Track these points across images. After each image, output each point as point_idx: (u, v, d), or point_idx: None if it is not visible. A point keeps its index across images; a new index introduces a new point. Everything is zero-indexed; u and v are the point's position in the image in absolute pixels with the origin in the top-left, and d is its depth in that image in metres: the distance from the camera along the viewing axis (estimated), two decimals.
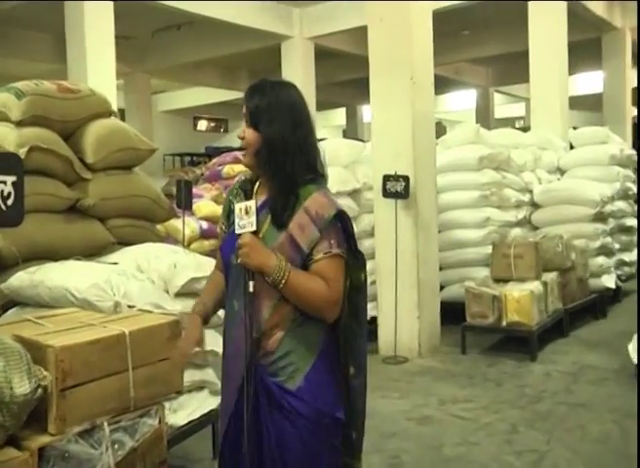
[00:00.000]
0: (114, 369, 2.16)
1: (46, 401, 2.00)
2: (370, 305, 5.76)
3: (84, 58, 7.31)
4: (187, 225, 7.29)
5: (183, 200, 4.52)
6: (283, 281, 1.69)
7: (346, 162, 5.81)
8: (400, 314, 5.37)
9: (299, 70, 10.63)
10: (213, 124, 20.99)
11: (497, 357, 5.34)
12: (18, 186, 1.76)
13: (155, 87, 16.96)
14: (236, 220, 1.74)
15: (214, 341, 3.50)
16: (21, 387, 1.88)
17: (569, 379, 4.74)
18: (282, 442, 1.71)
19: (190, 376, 3.24)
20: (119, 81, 13.94)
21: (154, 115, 18.37)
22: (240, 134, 1.81)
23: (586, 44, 11.24)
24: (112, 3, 7.52)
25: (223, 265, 1.87)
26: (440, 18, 6.57)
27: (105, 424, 2.06)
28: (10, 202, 1.75)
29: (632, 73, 12.35)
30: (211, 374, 3.42)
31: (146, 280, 3.20)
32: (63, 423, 1.98)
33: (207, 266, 3.57)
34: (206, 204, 7.58)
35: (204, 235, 7.18)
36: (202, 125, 20.90)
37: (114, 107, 7.03)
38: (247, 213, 1.72)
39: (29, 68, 10.63)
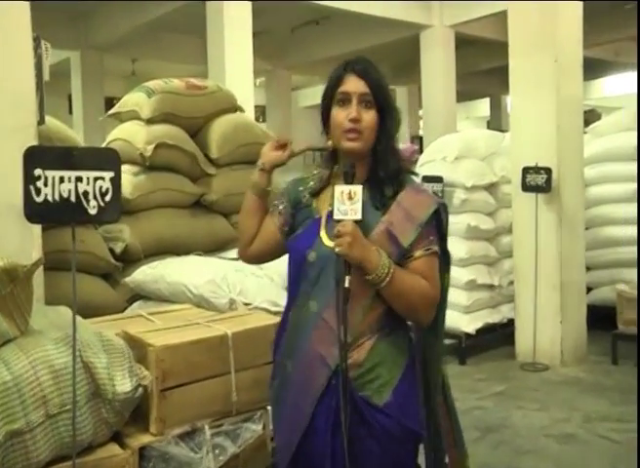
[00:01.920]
0: (216, 370, 2.09)
1: (147, 400, 1.96)
2: (508, 307, 5.40)
3: (223, 56, 7.49)
4: None
5: None
6: (387, 279, 1.52)
7: (484, 154, 5.46)
8: (540, 317, 4.96)
9: (439, 60, 10.25)
10: None
11: None
12: (115, 182, 1.72)
13: (296, 83, 17.25)
14: (335, 204, 1.53)
15: None
16: (123, 385, 1.86)
17: None
18: (366, 460, 1.55)
19: None
20: (261, 78, 14.40)
21: (295, 111, 18.76)
22: (354, 114, 1.62)
23: None
24: (251, 3, 7.64)
25: (294, 263, 1.67)
26: None
27: (206, 428, 1.99)
28: (108, 198, 1.71)
29: None
30: None
31: (265, 277, 3.13)
32: (163, 424, 1.94)
33: None
34: None
35: None
36: None
37: (251, 104, 7.22)
38: (350, 198, 1.52)
39: (175, 70, 11.14)
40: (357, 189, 1.53)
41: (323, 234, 1.63)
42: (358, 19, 9.55)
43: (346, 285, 1.49)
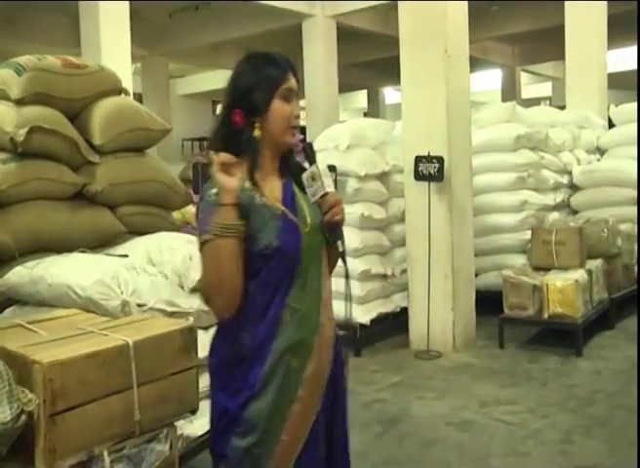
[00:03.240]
0: (116, 386, 1.82)
1: (32, 428, 1.67)
2: (400, 296, 5.43)
3: (98, 40, 6.99)
4: None
5: (199, 184, 4.17)
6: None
7: (375, 143, 5.43)
8: (433, 305, 5.02)
9: (320, 51, 10.21)
10: None
11: (538, 352, 4.96)
12: None
13: (174, 71, 16.62)
14: (308, 191, 1.64)
15: None
16: (1, 414, 1.56)
17: (623, 378, 4.33)
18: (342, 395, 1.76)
19: (206, 381, 2.93)
20: (136, 64, 13.70)
21: (173, 99, 18.07)
22: (299, 112, 1.72)
23: (623, 16, 10.65)
24: None
25: (283, 264, 1.60)
26: None
27: (105, 454, 1.72)
28: None
29: None
30: None
31: (159, 274, 2.87)
32: (53, 455, 1.64)
33: None
34: None
35: None
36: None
37: (130, 91, 6.77)
38: (314, 179, 1.63)
39: (44, 53, 10.31)
40: (314, 168, 1.64)
41: (306, 219, 1.67)
42: (238, 5, 9.28)
43: (342, 249, 1.65)
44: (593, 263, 5.24)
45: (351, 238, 5.05)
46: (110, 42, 6.97)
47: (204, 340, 2.98)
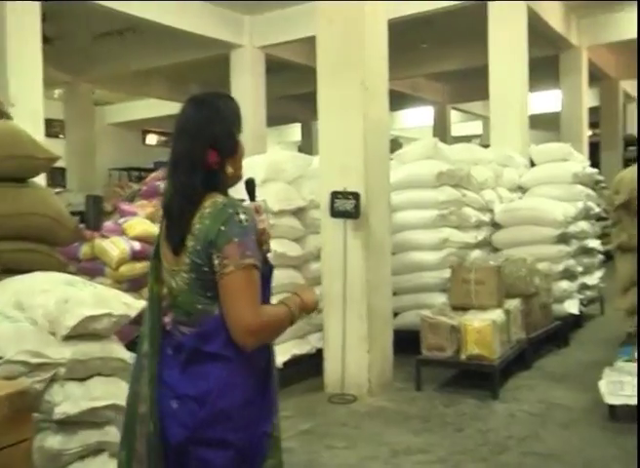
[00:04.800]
0: None
1: None
2: (316, 336, 5.21)
3: (4, 62, 6.59)
4: (116, 246, 6.60)
5: (92, 218, 3.87)
6: None
7: (291, 177, 5.25)
8: (348, 347, 4.82)
9: (248, 82, 10.08)
10: (163, 138, 20.19)
11: (455, 394, 4.82)
12: None
13: (102, 98, 16.19)
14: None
15: (113, 392, 2.87)
16: None
17: (536, 422, 4.23)
18: None
19: (84, 439, 2.62)
20: (59, 90, 13.25)
21: (101, 128, 17.58)
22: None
23: (544, 62, 11.00)
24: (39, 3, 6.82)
25: (267, 281, 1.84)
26: (397, 29, 6.11)
27: None
28: None
29: (588, 93, 12.21)
30: (112, 434, 2.79)
31: (25, 320, 2.56)
32: None
33: (113, 301, 2.94)
34: (140, 222, 6.90)
35: (136, 257, 6.51)
36: (152, 139, 20.06)
37: (40, 117, 6.38)
38: (257, 212, 1.83)
39: None
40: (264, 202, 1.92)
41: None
42: (165, 32, 9.06)
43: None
44: (511, 303, 5.17)
45: None
46: (20, 64, 6.58)
47: (78, 393, 2.70)
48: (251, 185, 1.90)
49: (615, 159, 14.16)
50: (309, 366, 5.16)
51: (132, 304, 2.94)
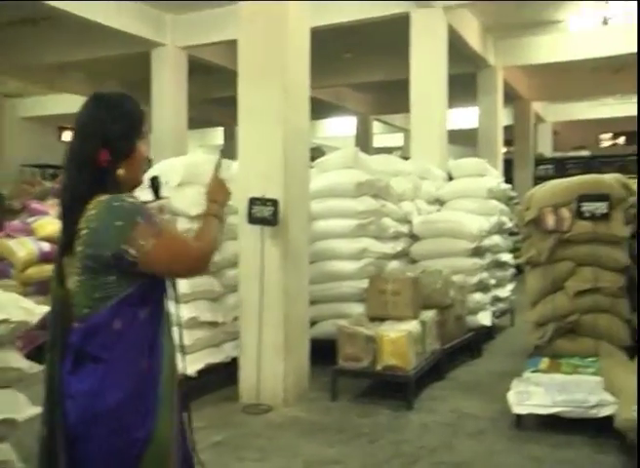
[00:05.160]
0: None
1: None
2: (232, 345, 5.09)
3: None
4: (23, 246, 6.28)
5: None
6: None
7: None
8: (264, 355, 4.74)
9: (170, 82, 9.82)
10: None
11: (370, 405, 4.81)
12: None
13: (14, 89, 15.42)
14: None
15: (7, 405, 2.68)
16: None
17: (448, 432, 4.27)
18: None
19: None
20: None
21: (12, 121, 16.74)
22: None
23: (464, 79, 11.32)
24: None
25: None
26: (321, 37, 6.10)
27: None
28: None
29: (503, 112, 12.67)
30: (5, 452, 2.60)
31: None
32: None
33: (10, 306, 2.76)
34: (50, 221, 6.59)
35: (44, 258, 6.20)
36: (68, 136, 19.27)
37: None
38: (161, 211, 1.97)
39: None
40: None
41: None
42: (83, 24, 8.69)
43: None
44: (427, 314, 5.22)
45: (179, 283, 4.66)
46: None
47: None
48: (155, 183, 1.93)
49: (526, 176, 14.76)
50: (224, 375, 5.04)
51: (32, 309, 2.76)
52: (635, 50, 11.02)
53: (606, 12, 9.58)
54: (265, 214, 4.54)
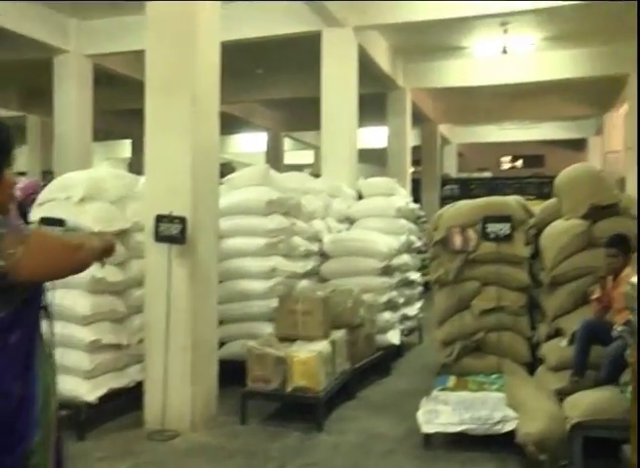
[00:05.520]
0: None
1: None
2: (137, 368, 4.87)
3: None
4: None
5: None
6: None
7: (114, 196, 4.89)
8: (171, 379, 4.56)
9: (73, 91, 9.40)
10: None
11: (280, 427, 4.71)
12: None
13: None
14: None
15: None
16: None
17: (358, 453, 4.25)
18: None
19: None
20: None
21: None
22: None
23: (374, 99, 11.55)
24: None
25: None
26: (233, 52, 6.02)
27: None
28: None
29: (411, 132, 13.02)
30: None
31: None
32: None
33: None
34: None
35: None
36: None
37: None
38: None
39: None
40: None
41: None
42: None
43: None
44: (337, 334, 5.20)
45: (79, 303, 4.44)
46: None
47: None
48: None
49: (433, 196, 15.21)
50: (128, 400, 4.80)
51: None
52: (533, 79, 11.75)
53: (506, 41, 10.02)
54: (173, 231, 4.39)
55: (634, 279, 3.43)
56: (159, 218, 4.43)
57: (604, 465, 3.79)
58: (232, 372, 5.05)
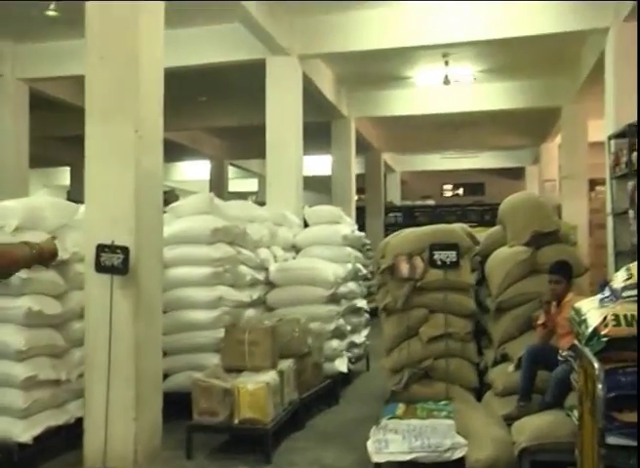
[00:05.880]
0: None
1: None
2: (77, 404, 4.66)
3: None
4: None
5: None
6: None
7: (52, 226, 4.71)
8: (113, 414, 4.38)
9: (9, 116, 9.10)
10: None
11: (227, 461, 4.58)
12: None
13: None
14: None
15: None
16: None
17: None
18: None
19: None
20: None
21: None
22: None
23: (319, 127, 11.64)
24: None
25: None
26: (176, 79, 5.96)
27: None
28: None
29: (356, 161, 13.16)
30: None
31: None
32: None
33: None
34: None
35: None
36: None
37: None
38: None
39: None
40: None
41: None
42: None
43: None
44: (285, 363, 5.11)
45: (14, 338, 4.24)
46: None
47: None
48: None
49: (378, 223, 15.35)
50: (68, 438, 4.59)
51: None
52: (472, 109, 12.11)
53: (447, 72, 10.28)
54: (115, 262, 4.25)
55: (578, 304, 3.48)
56: (100, 248, 4.29)
57: None
58: (178, 405, 4.90)
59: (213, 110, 12.63)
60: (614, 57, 7.46)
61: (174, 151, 14.63)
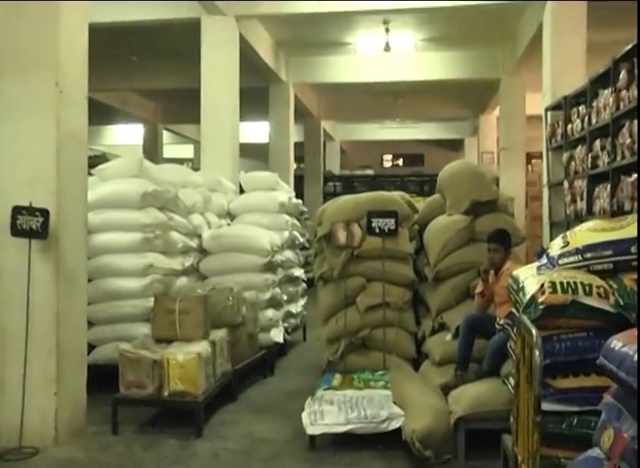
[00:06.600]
0: None
1: None
2: None
3: None
4: None
5: None
6: None
7: None
8: (31, 390, 4.11)
9: None
10: None
11: (156, 435, 4.40)
12: None
13: None
14: None
15: None
16: None
17: (240, 460, 4.03)
18: None
19: None
20: None
21: None
22: None
23: (256, 92, 11.30)
24: None
25: None
26: (104, 35, 5.58)
27: None
28: None
29: (295, 128, 12.90)
30: None
31: None
32: None
33: None
34: None
35: None
36: None
37: None
38: None
39: None
40: None
41: None
42: None
43: None
44: (217, 334, 4.93)
45: None
46: None
47: None
48: None
49: (317, 192, 15.18)
50: None
51: None
52: (412, 78, 12.02)
53: (388, 39, 10.10)
54: (33, 225, 3.95)
55: (516, 272, 3.44)
56: (17, 210, 3.97)
57: (487, 456, 3.79)
58: (105, 378, 4.67)
59: (146, 71, 12.04)
60: (551, 29, 7.45)
61: (104, 113, 13.98)
